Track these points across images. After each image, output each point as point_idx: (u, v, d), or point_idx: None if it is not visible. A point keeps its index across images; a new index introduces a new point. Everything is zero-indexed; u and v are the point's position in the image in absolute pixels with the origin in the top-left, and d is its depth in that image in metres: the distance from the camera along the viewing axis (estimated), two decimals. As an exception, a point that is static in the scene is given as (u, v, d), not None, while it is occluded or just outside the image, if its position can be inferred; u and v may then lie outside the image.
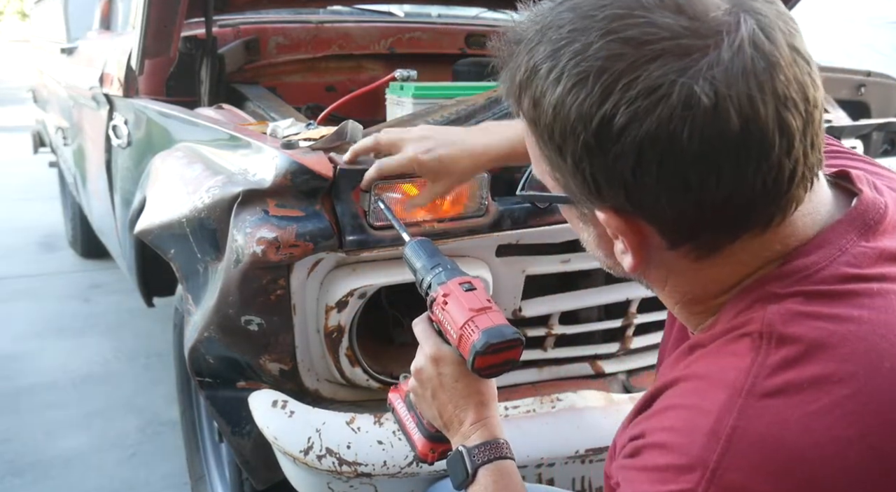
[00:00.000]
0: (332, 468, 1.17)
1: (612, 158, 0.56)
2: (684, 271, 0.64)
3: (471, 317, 0.83)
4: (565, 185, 0.62)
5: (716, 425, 0.55)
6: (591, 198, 0.60)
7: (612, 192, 0.58)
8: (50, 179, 4.61)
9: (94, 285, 3.76)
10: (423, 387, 0.90)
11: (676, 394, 0.61)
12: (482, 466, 0.83)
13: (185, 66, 1.98)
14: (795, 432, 0.54)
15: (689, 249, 0.61)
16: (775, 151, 0.54)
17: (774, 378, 0.55)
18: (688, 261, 0.62)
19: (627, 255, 0.63)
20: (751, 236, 0.59)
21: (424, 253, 0.94)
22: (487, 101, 1.39)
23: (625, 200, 0.58)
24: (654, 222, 0.59)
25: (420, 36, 2.47)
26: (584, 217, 0.66)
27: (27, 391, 2.68)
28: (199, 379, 1.32)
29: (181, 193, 1.31)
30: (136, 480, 2.17)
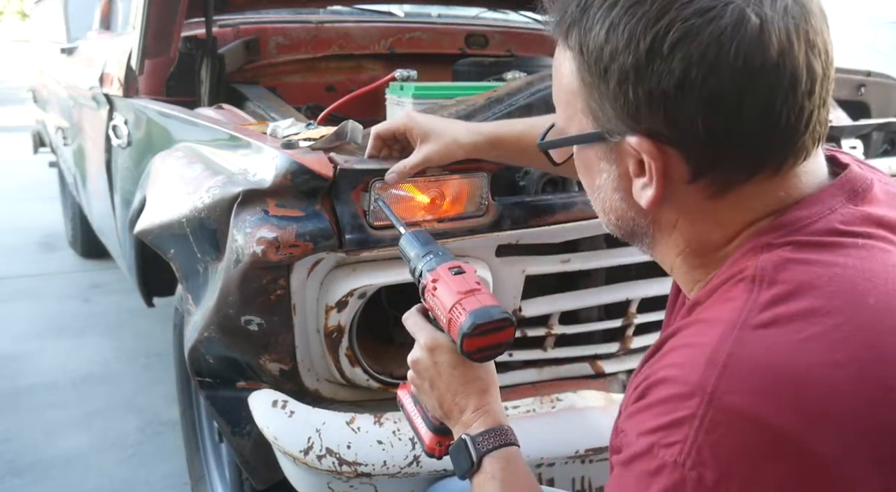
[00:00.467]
0: (332, 468, 1.17)
1: (658, 74, 0.60)
2: (695, 211, 0.67)
3: (458, 300, 0.83)
4: (599, 115, 0.66)
5: (713, 354, 0.58)
6: (628, 122, 0.64)
7: (651, 112, 0.62)
8: (50, 179, 4.61)
9: (94, 285, 3.76)
10: (420, 378, 0.90)
11: (677, 339, 0.65)
12: (487, 454, 0.82)
13: (185, 66, 1.98)
14: (787, 356, 0.57)
15: (707, 183, 0.64)
16: (801, 88, 0.60)
17: (766, 312, 0.59)
18: (701, 199, 0.66)
19: (648, 189, 0.66)
20: (762, 179, 0.64)
21: (417, 243, 0.93)
22: (487, 101, 1.39)
23: (662, 121, 0.62)
24: (684, 147, 0.63)
25: (420, 36, 2.48)
26: (608, 155, 0.68)
27: (27, 391, 2.68)
28: (199, 379, 1.32)
29: (181, 193, 1.31)
30: (136, 480, 2.17)
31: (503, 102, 1.39)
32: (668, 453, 0.58)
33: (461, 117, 1.35)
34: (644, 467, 0.60)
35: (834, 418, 0.56)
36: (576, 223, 1.28)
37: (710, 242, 0.69)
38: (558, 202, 1.29)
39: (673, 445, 0.57)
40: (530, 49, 2.67)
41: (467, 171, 1.20)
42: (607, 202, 0.72)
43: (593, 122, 0.67)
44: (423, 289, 0.89)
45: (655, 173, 0.64)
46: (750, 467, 0.55)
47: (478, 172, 1.21)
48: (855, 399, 0.56)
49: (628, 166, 0.67)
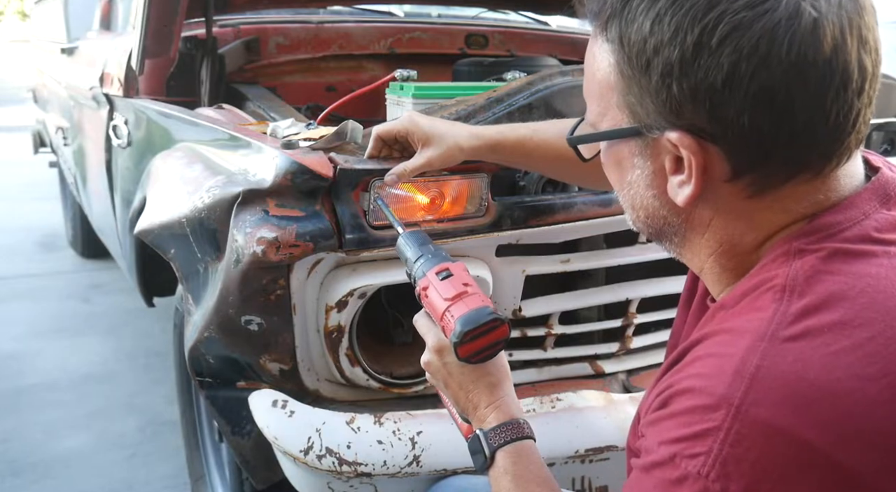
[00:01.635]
0: (332, 468, 1.17)
1: (705, 68, 0.58)
2: (732, 211, 0.65)
3: (447, 307, 0.83)
4: (638, 110, 0.64)
5: (740, 365, 0.57)
6: (669, 118, 0.61)
7: (695, 108, 0.60)
8: (50, 179, 4.61)
9: (94, 285, 3.76)
10: (434, 379, 0.91)
11: (702, 348, 0.63)
12: (500, 448, 0.83)
13: (186, 66, 1.98)
14: (817, 370, 0.55)
15: (747, 183, 0.62)
16: (852, 86, 0.58)
17: (796, 325, 0.58)
18: (739, 198, 0.64)
19: (686, 186, 0.64)
20: (803, 180, 0.62)
21: (413, 245, 0.93)
22: (487, 101, 1.39)
23: (706, 117, 0.60)
24: (726, 144, 0.61)
25: (420, 36, 2.48)
26: (643, 151, 0.66)
27: (27, 391, 2.68)
28: (199, 379, 1.32)
29: (181, 192, 1.31)
30: (136, 480, 2.17)
31: (503, 102, 1.39)
32: (692, 464, 0.57)
33: (461, 118, 1.35)
34: (665, 476, 0.59)
35: (865, 432, 0.55)
36: (576, 223, 1.28)
37: (744, 243, 0.67)
38: (558, 202, 1.29)
39: (697, 456, 0.56)
40: (530, 49, 2.67)
41: (467, 171, 1.20)
42: (637, 199, 0.70)
43: (630, 116, 0.65)
44: (419, 296, 0.89)
45: (695, 171, 0.62)
46: (776, 481, 0.54)
47: (478, 173, 1.21)
48: (886, 413, 0.55)
49: (664, 163, 0.65)
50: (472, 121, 1.36)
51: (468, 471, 1.18)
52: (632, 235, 1.40)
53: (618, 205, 1.30)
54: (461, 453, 1.19)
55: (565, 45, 2.77)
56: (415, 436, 1.20)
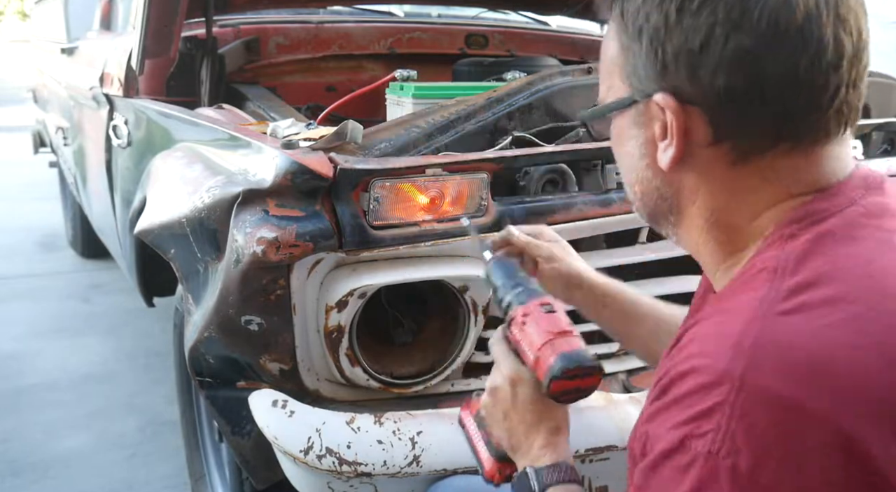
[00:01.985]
0: (332, 468, 1.17)
1: (685, 31, 0.63)
2: (717, 179, 0.68)
3: (549, 339, 0.81)
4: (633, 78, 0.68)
5: (738, 341, 0.58)
6: (657, 81, 0.66)
7: (677, 70, 0.64)
8: (50, 179, 4.61)
9: (94, 285, 3.76)
10: (495, 406, 0.88)
11: (696, 330, 0.65)
12: (549, 487, 0.82)
13: (186, 66, 1.99)
14: (814, 340, 0.57)
15: (728, 148, 0.65)
16: (826, 58, 0.61)
17: (790, 300, 0.60)
18: (724, 165, 0.67)
19: (669, 149, 0.67)
20: (783, 152, 0.65)
21: (505, 271, 0.93)
22: (487, 101, 1.39)
23: (687, 79, 0.64)
24: (706, 106, 0.64)
25: (420, 36, 2.48)
26: (638, 119, 0.70)
27: (27, 391, 2.68)
28: (199, 379, 1.32)
29: (181, 193, 1.31)
30: (136, 480, 2.17)
31: (503, 102, 1.39)
32: (701, 444, 0.57)
33: (461, 117, 1.35)
34: (676, 463, 0.59)
35: (863, 398, 0.56)
36: (576, 223, 1.28)
37: (733, 217, 0.69)
38: (558, 202, 1.29)
39: (705, 434, 0.57)
40: (530, 49, 2.67)
41: (467, 171, 1.20)
42: (633, 172, 0.73)
43: (628, 88, 0.70)
44: (511, 321, 0.87)
45: (676, 131, 0.66)
46: (784, 449, 0.55)
47: (478, 173, 1.21)
48: (882, 380, 0.56)
49: (655, 131, 0.68)
50: (472, 121, 1.36)
51: (468, 471, 1.18)
52: (632, 235, 1.40)
53: (618, 205, 1.32)
54: (461, 453, 1.20)
55: (565, 45, 2.78)
56: (415, 436, 1.20)
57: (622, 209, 1.33)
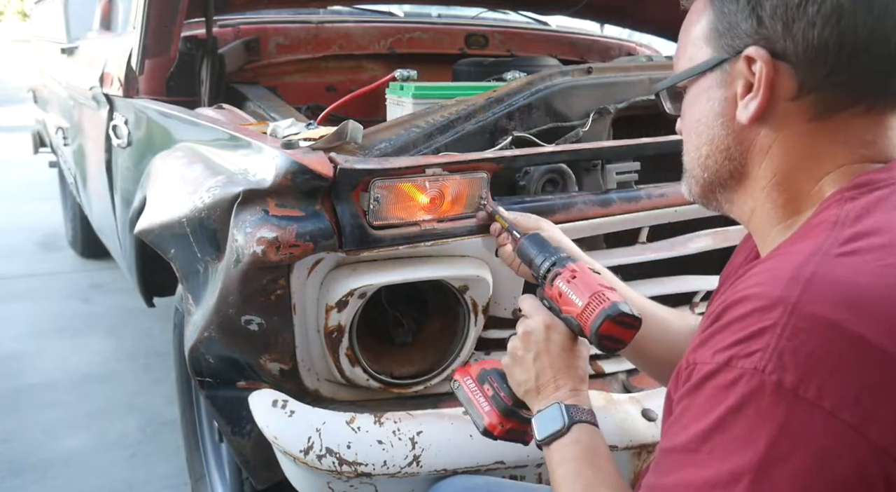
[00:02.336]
0: (332, 468, 1.17)
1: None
2: (792, 135, 0.71)
3: (602, 289, 0.89)
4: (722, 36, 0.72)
5: (795, 272, 0.61)
6: (751, 34, 0.70)
7: (773, 22, 0.68)
8: (50, 179, 4.61)
9: (94, 285, 3.76)
10: (526, 349, 0.92)
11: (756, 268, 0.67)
12: (580, 423, 0.86)
13: (186, 66, 1.98)
14: (869, 276, 0.60)
15: (809, 103, 0.69)
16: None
17: (848, 245, 0.63)
18: (801, 120, 0.70)
19: (753, 101, 0.70)
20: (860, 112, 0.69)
21: (540, 243, 1.03)
22: (487, 101, 1.39)
23: (781, 31, 0.68)
24: (795, 59, 0.68)
25: (420, 36, 2.48)
26: (721, 80, 0.73)
27: (27, 391, 2.68)
28: (199, 379, 1.32)
29: (181, 192, 1.31)
30: (136, 480, 2.17)
31: (503, 102, 1.39)
32: (748, 362, 0.59)
33: (461, 117, 1.35)
34: (719, 382, 0.61)
35: None
36: (576, 223, 1.29)
37: (800, 174, 0.72)
38: (558, 202, 1.29)
39: (753, 354, 0.59)
40: (530, 49, 2.67)
41: (467, 171, 1.20)
42: (704, 134, 0.76)
43: (715, 48, 0.73)
44: (556, 276, 0.94)
45: (764, 81, 0.69)
46: (829, 370, 0.57)
47: (478, 172, 1.21)
48: None
49: (737, 89, 0.71)
50: (472, 121, 1.36)
51: (468, 471, 1.18)
52: (632, 235, 1.40)
53: (618, 205, 1.32)
54: (461, 453, 1.20)
55: (565, 45, 2.78)
56: (415, 436, 1.20)
57: (622, 209, 1.33)
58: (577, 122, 1.44)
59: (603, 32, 3.07)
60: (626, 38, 3.08)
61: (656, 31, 2.77)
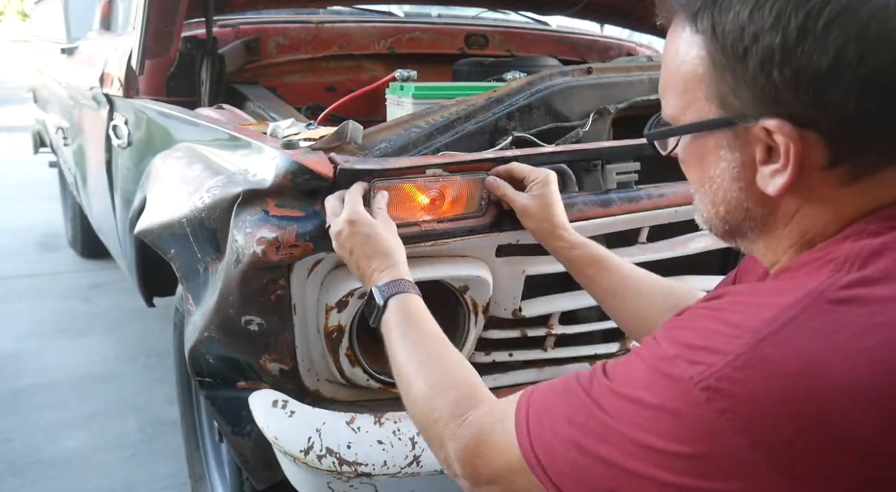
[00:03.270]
0: (332, 468, 1.17)
1: (809, 54, 0.58)
2: (821, 200, 0.65)
3: None
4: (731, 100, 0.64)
5: (778, 313, 0.58)
6: (766, 106, 0.62)
7: (796, 94, 0.60)
8: (50, 179, 4.61)
9: (94, 285, 3.76)
10: (342, 249, 1.04)
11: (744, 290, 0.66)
12: (391, 297, 0.96)
13: (186, 66, 1.98)
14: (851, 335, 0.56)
15: (844, 170, 0.63)
16: None
17: (848, 290, 0.59)
18: (833, 186, 0.64)
19: (780, 175, 0.63)
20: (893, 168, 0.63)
21: None
22: (487, 101, 1.39)
23: (809, 103, 0.60)
24: (828, 130, 0.61)
25: (420, 36, 2.48)
26: (732, 142, 0.66)
27: (27, 391, 2.68)
28: (199, 379, 1.32)
29: (181, 193, 1.31)
30: (136, 480, 2.17)
31: (503, 102, 1.39)
32: (687, 370, 0.58)
33: (461, 118, 1.35)
34: (658, 366, 0.61)
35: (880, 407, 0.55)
36: (576, 223, 1.28)
37: (826, 232, 0.67)
38: (558, 202, 1.28)
39: (696, 364, 0.58)
40: (530, 49, 2.67)
41: (467, 171, 1.20)
42: (720, 194, 0.69)
43: (719, 107, 0.65)
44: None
45: (793, 158, 0.62)
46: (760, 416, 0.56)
47: (478, 173, 1.21)
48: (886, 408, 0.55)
49: (755, 153, 0.65)
50: (472, 121, 1.36)
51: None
52: (632, 235, 1.40)
53: (618, 205, 1.32)
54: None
55: (565, 45, 2.77)
56: (415, 436, 1.20)
57: (622, 209, 1.33)
58: (577, 122, 1.44)
59: (603, 32, 3.07)
60: (626, 38, 3.08)
61: (656, 32, 2.77)
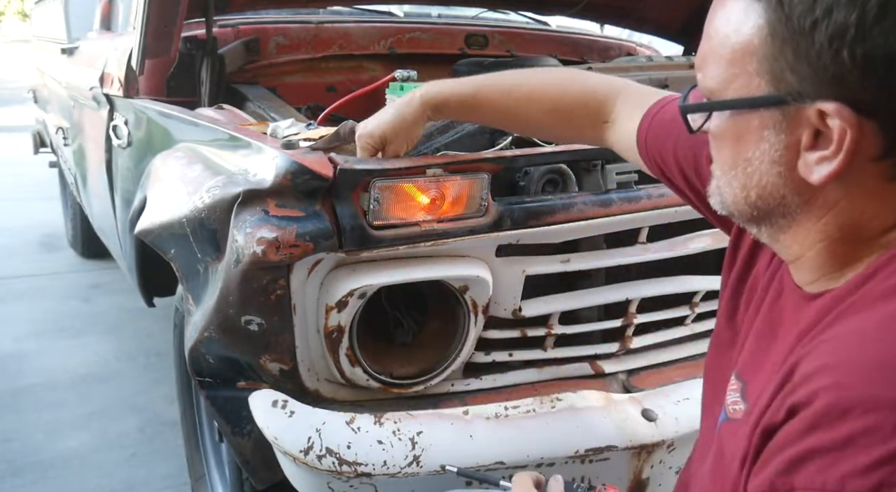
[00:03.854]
0: (332, 468, 1.17)
1: (886, 34, 0.54)
2: (866, 194, 0.61)
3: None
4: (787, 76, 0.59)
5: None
6: (826, 86, 0.57)
7: (864, 77, 0.56)
8: (50, 179, 4.61)
9: (94, 285, 3.76)
10: None
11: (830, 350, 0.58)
12: None
13: (186, 66, 1.98)
14: None
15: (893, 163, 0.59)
16: None
17: None
18: (881, 180, 0.60)
19: (828, 163, 0.59)
20: None
21: None
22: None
23: (876, 87, 0.56)
24: (888, 119, 0.57)
25: (420, 36, 2.48)
26: (779, 123, 0.61)
27: (27, 391, 2.68)
28: (199, 379, 1.32)
29: (181, 193, 1.32)
30: (136, 480, 2.17)
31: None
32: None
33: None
34: None
35: None
36: (576, 223, 1.29)
37: (868, 229, 0.62)
38: (558, 202, 1.29)
39: None
40: (530, 49, 2.67)
41: (468, 171, 1.20)
42: (755, 177, 0.64)
43: (770, 83, 0.60)
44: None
45: (846, 147, 0.58)
46: None
47: (478, 173, 1.21)
48: None
49: (801, 137, 0.60)
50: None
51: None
52: (632, 235, 1.40)
53: (618, 205, 1.32)
54: (461, 454, 1.20)
55: (565, 45, 2.77)
56: (415, 436, 1.20)
57: (622, 209, 1.33)
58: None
59: (603, 32, 3.06)
60: (626, 38, 3.08)
61: (656, 32, 2.77)
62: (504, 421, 1.26)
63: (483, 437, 1.23)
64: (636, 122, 0.98)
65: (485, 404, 1.30)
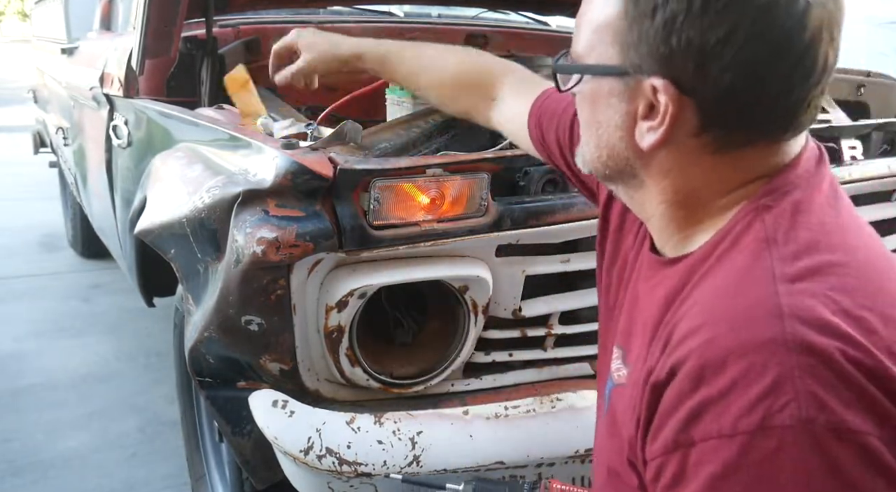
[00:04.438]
0: (332, 468, 1.17)
1: (705, 27, 0.63)
2: (692, 164, 0.70)
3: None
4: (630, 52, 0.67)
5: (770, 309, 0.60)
6: (658, 65, 0.66)
7: (685, 60, 0.64)
8: (50, 179, 4.61)
9: (94, 285, 3.76)
10: None
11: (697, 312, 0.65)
12: None
13: (186, 66, 1.98)
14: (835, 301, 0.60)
15: (710, 139, 0.68)
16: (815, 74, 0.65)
17: (794, 265, 0.63)
18: (701, 153, 0.69)
19: (654, 133, 0.68)
20: (762, 145, 0.69)
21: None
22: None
23: (692, 70, 0.64)
24: (703, 99, 0.66)
25: (420, 36, 2.47)
26: (622, 92, 0.70)
27: (27, 391, 2.68)
28: (199, 379, 1.32)
29: (181, 193, 1.32)
30: (136, 480, 2.17)
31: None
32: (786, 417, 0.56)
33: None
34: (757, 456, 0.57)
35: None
36: (576, 223, 1.29)
37: (700, 196, 0.71)
38: (558, 202, 1.29)
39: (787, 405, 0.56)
40: (530, 49, 2.67)
41: (467, 171, 1.20)
42: (605, 138, 0.73)
43: (620, 55, 0.69)
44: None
45: (668, 119, 0.67)
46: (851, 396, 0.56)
47: (478, 173, 1.21)
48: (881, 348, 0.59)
49: (638, 107, 0.69)
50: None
51: (468, 471, 1.19)
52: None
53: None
54: (461, 454, 1.20)
55: (565, 45, 2.77)
56: (415, 436, 1.20)
57: (622, 209, 1.32)
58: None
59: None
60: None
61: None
62: (504, 421, 1.26)
63: (483, 437, 1.23)
64: (526, 104, 1.07)
65: (485, 404, 1.30)
